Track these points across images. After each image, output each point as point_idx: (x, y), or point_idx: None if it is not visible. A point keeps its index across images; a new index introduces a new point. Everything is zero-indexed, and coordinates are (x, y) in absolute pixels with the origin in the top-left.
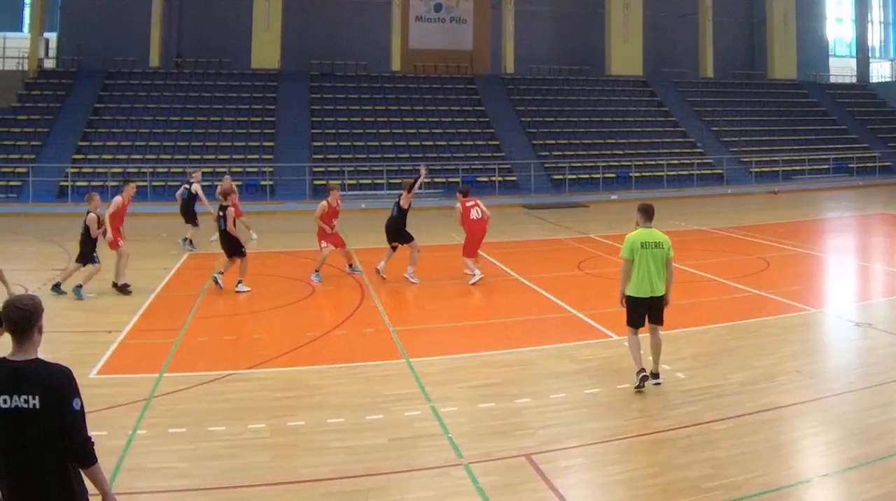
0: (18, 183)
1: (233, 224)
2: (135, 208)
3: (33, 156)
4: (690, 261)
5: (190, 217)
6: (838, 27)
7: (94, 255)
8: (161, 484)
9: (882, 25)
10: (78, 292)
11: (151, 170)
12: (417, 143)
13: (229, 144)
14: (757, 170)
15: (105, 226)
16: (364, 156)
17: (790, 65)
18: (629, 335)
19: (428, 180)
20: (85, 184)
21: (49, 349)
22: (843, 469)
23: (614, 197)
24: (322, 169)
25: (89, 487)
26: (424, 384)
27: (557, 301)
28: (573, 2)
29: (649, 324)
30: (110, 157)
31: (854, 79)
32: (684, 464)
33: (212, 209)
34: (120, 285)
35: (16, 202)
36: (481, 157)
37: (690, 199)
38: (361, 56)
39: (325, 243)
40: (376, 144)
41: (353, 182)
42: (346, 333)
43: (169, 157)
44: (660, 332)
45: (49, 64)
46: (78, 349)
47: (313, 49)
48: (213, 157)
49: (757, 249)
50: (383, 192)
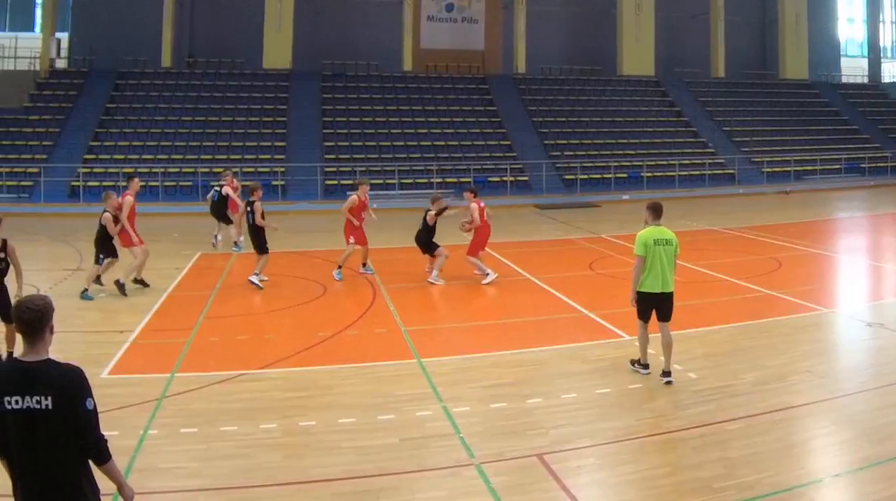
0: (30, 183)
1: (261, 217)
2: (146, 208)
3: (45, 156)
4: (702, 261)
5: (222, 217)
6: (850, 27)
7: (100, 257)
8: (173, 484)
9: (893, 26)
10: (86, 294)
11: (163, 171)
12: (429, 143)
13: (241, 144)
14: (768, 170)
15: (123, 226)
16: (376, 156)
17: (802, 65)
18: (640, 329)
19: (439, 180)
20: (96, 185)
21: (61, 349)
22: (855, 469)
23: (626, 197)
24: (333, 169)
25: (103, 487)
26: (436, 384)
27: (569, 301)
28: (585, 2)
29: (658, 322)
30: (122, 158)
31: (866, 79)
32: (696, 464)
33: (242, 205)
34: (121, 282)
35: (27, 202)
36: (493, 157)
37: (702, 199)
38: (373, 56)
39: (353, 239)
40: (388, 144)
41: (361, 177)
42: (358, 333)
43: (180, 158)
44: (669, 330)
45: (61, 64)
46: (90, 349)
47: (325, 49)
48: (225, 158)
49: (768, 249)
50: (395, 193)
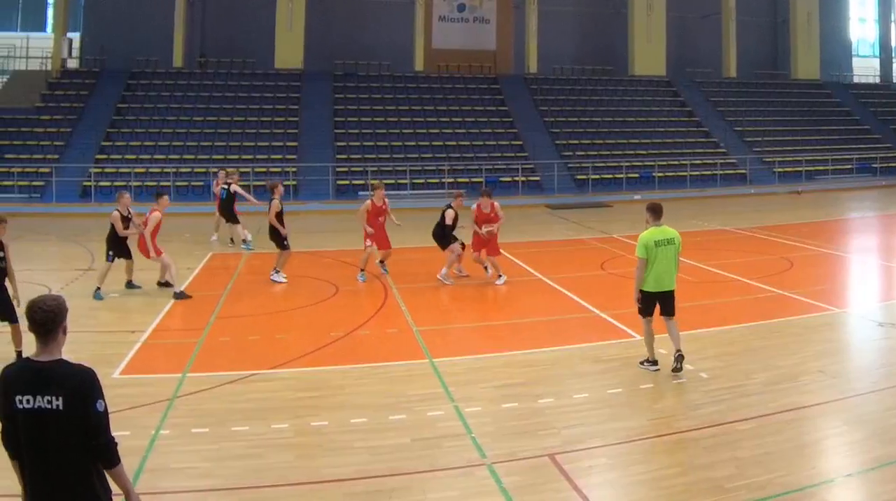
0: (42, 183)
1: (273, 216)
2: None
3: (56, 156)
4: (714, 261)
5: (230, 216)
6: (861, 27)
7: (110, 254)
8: (184, 484)
9: None
10: (98, 294)
11: (175, 171)
12: (441, 143)
13: (253, 144)
14: (780, 171)
15: (128, 234)
16: (387, 156)
17: (813, 65)
18: (645, 326)
19: (451, 180)
20: (108, 185)
21: (73, 349)
22: (867, 469)
23: (637, 197)
24: (345, 169)
25: (114, 487)
26: (448, 384)
27: (580, 301)
28: (596, 2)
29: (663, 317)
30: (133, 157)
31: (877, 79)
32: (707, 464)
33: (256, 202)
34: (178, 292)
35: (39, 202)
36: (504, 157)
37: (714, 199)
38: (385, 56)
39: (370, 242)
40: (399, 144)
41: (376, 182)
42: (370, 333)
43: (192, 158)
44: (675, 324)
45: (72, 64)
46: (101, 349)
47: (336, 49)
48: (237, 158)
49: (780, 249)
50: (406, 192)
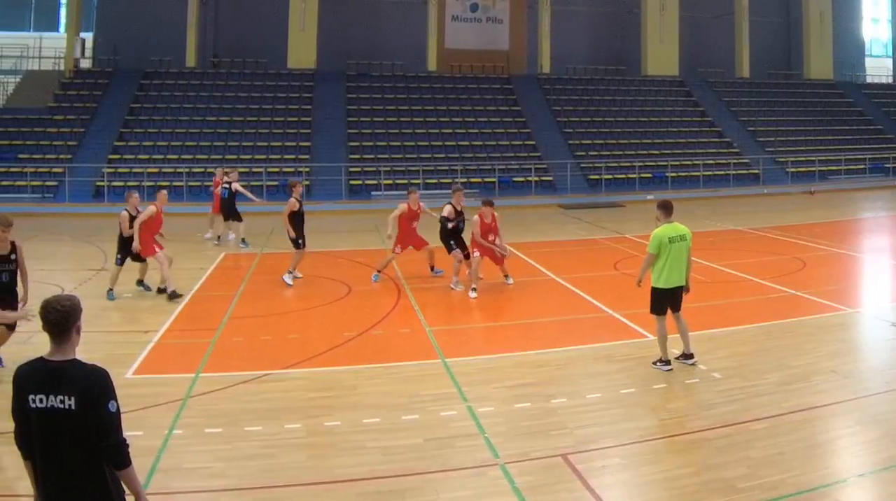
0: (55, 183)
1: (286, 214)
2: (171, 208)
3: (69, 156)
4: (726, 261)
5: (232, 214)
6: (874, 27)
7: (119, 257)
8: (197, 484)
9: None
10: (111, 295)
11: (187, 171)
12: (453, 143)
13: (266, 144)
14: (793, 171)
15: (132, 233)
16: (400, 156)
17: (826, 65)
18: (658, 324)
19: (464, 180)
20: (121, 185)
21: (86, 349)
22: (880, 469)
23: (650, 197)
24: (358, 169)
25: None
26: (460, 384)
27: (593, 301)
28: (609, 2)
29: (672, 314)
30: (146, 157)
31: (890, 79)
32: (720, 464)
33: (257, 200)
34: (169, 292)
35: (52, 202)
36: (517, 157)
37: (726, 199)
38: (397, 56)
39: (399, 248)
40: (412, 144)
41: (390, 182)
42: (383, 333)
43: (205, 157)
44: (683, 317)
45: (85, 64)
46: (114, 349)
47: (349, 49)
48: (250, 157)
49: (793, 249)
50: (419, 193)
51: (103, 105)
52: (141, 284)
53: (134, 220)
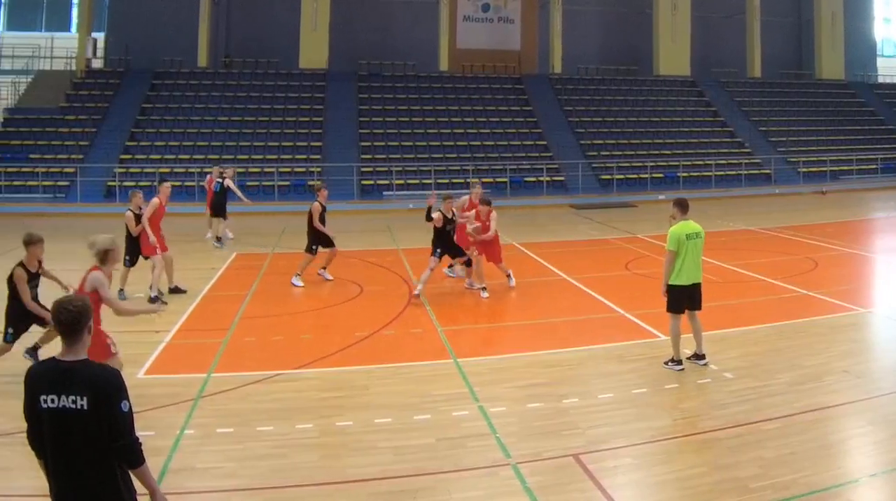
0: (66, 183)
1: (317, 219)
2: (182, 208)
3: (81, 156)
4: (738, 261)
5: (219, 210)
6: (886, 27)
7: (126, 259)
8: (209, 484)
9: None
10: (121, 295)
11: (199, 171)
12: (465, 143)
13: (277, 144)
14: (805, 170)
15: (144, 228)
16: (412, 156)
17: (838, 65)
18: (672, 322)
19: (475, 180)
20: (132, 185)
21: None
22: (892, 469)
23: (662, 197)
24: (370, 169)
25: (138, 487)
26: (472, 384)
27: (605, 301)
28: (621, 2)
29: (689, 312)
30: (158, 158)
31: None
32: (732, 464)
33: (245, 200)
34: (152, 296)
35: (64, 202)
36: (529, 157)
37: (738, 199)
38: (409, 56)
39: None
40: (424, 144)
41: (401, 182)
42: (394, 333)
43: (217, 157)
44: (697, 317)
45: (97, 64)
46: (126, 349)
47: (361, 49)
48: (261, 158)
49: (805, 249)
50: (431, 193)
51: (115, 105)
52: (176, 290)
53: (139, 219)
